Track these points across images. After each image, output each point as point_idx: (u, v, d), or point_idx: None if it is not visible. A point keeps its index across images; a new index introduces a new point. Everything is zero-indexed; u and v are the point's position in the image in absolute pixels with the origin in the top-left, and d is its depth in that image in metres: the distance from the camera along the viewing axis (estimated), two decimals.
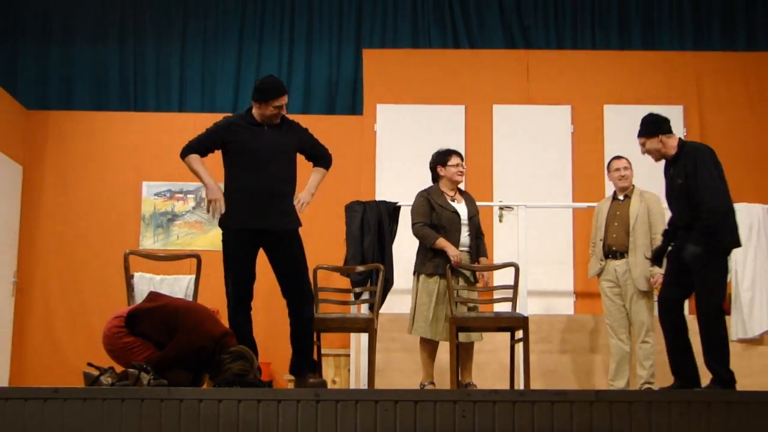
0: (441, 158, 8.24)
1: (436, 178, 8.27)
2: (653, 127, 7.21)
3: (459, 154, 8.29)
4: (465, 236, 8.07)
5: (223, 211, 6.82)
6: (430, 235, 7.95)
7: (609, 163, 8.72)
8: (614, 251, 8.45)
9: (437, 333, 7.90)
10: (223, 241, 6.95)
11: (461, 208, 8.10)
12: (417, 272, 8.08)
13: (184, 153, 7.02)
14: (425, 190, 8.23)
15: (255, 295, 6.94)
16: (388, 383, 8.90)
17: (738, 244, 7.12)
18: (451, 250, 7.86)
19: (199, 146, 7.04)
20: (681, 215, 7.06)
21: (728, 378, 6.79)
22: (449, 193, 8.15)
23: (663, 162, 7.24)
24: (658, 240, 7.90)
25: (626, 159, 8.62)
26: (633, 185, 8.59)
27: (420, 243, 8.09)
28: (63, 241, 10.95)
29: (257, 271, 6.93)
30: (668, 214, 7.38)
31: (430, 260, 7.96)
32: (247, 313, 6.96)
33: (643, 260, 8.28)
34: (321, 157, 7.22)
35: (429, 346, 8.00)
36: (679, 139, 7.24)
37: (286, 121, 7.07)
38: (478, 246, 8.16)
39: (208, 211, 6.90)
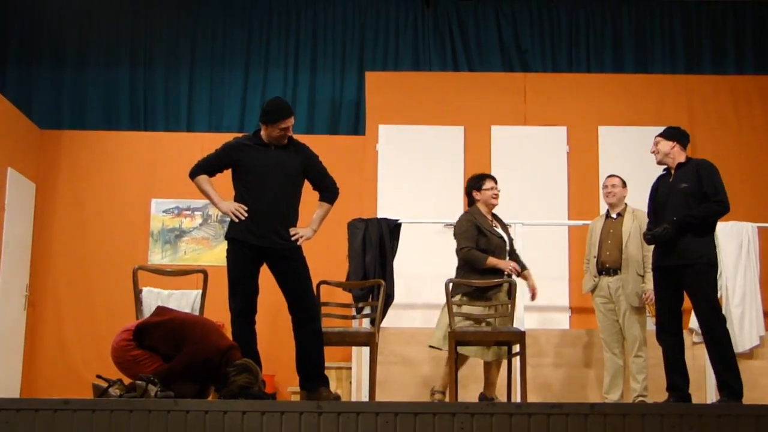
0: (476, 183, 8.32)
1: (472, 202, 8.34)
2: (676, 133, 7.51)
3: (493, 178, 8.36)
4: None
5: (244, 212, 6.91)
6: (479, 258, 8.01)
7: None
8: (608, 268, 8.55)
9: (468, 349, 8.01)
10: (227, 255, 7.03)
11: (502, 233, 8.24)
12: (456, 293, 8.08)
13: (194, 173, 7.14)
14: (469, 213, 8.29)
15: (259, 308, 7.01)
16: (388, 396, 8.98)
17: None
18: (503, 264, 7.99)
19: (208, 166, 7.16)
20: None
21: (739, 390, 6.96)
22: (488, 217, 8.25)
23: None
24: (649, 258, 8.05)
25: (619, 178, 8.74)
26: (626, 204, 8.71)
27: (463, 265, 8.17)
28: (74, 256, 11.04)
29: (261, 284, 7.01)
30: None
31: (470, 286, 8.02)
32: (251, 326, 7.01)
33: (636, 277, 8.40)
34: (327, 189, 7.26)
35: (459, 361, 8.04)
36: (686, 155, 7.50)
37: (293, 143, 7.15)
38: (520, 264, 8.30)
39: (237, 219, 6.92)
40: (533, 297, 8.38)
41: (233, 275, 6.99)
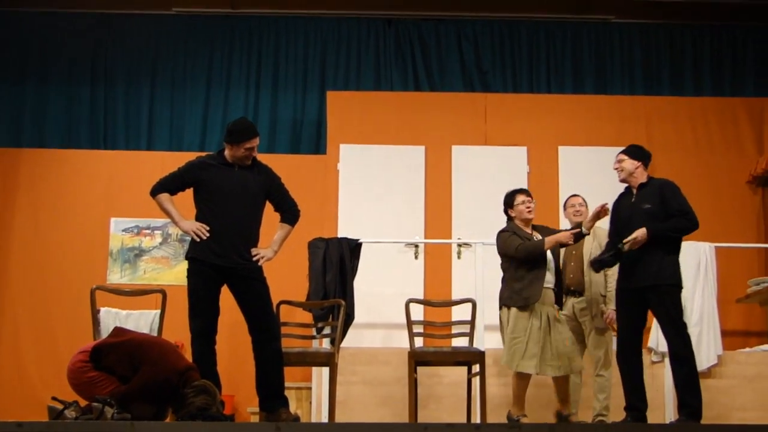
0: (508, 200, 8.34)
1: (510, 220, 8.35)
2: (640, 152, 7.63)
3: (524, 191, 8.36)
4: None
5: (206, 231, 6.92)
6: (536, 245, 7.98)
7: (566, 201, 8.83)
8: (572, 290, 8.55)
9: (533, 366, 7.87)
10: (188, 275, 7.04)
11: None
12: (506, 305, 8.09)
13: (155, 191, 7.15)
14: (506, 226, 8.31)
15: (219, 328, 7.01)
16: (349, 416, 8.96)
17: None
18: (562, 238, 7.94)
19: (170, 185, 7.18)
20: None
21: (698, 410, 7.05)
22: (527, 230, 8.22)
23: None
24: (611, 279, 8.17)
25: (581, 197, 8.79)
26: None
27: (505, 277, 8.19)
28: (32, 276, 10.93)
29: (221, 304, 7.01)
30: None
31: (517, 293, 8.00)
32: (212, 347, 7.01)
33: (599, 297, 8.41)
34: (288, 211, 7.34)
35: (523, 380, 8.01)
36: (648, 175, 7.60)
37: (257, 164, 7.20)
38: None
39: (199, 238, 6.93)
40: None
41: (194, 295, 7.00)
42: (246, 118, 7.46)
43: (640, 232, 7.22)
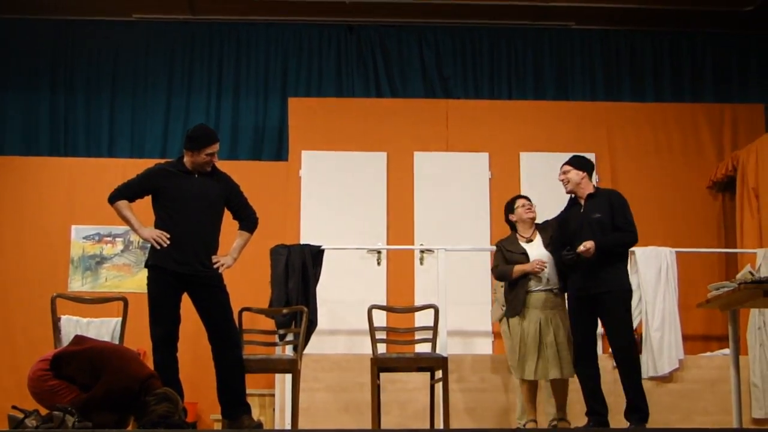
0: (509, 207, 8.40)
1: (513, 227, 8.38)
2: (584, 163, 7.75)
3: (523, 197, 8.47)
4: (546, 272, 8.11)
5: (166, 238, 6.89)
6: (506, 270, 8.11)
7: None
8: None
9: (530, 372, 7.91)
10: (148, 283, 7.01)
11: (532, 246, 8.17)
12: (504, 317, 8.24)
13: (113, 198, 7.10)
14: (500, 241, 8.42)
15: (180, 334, 7.00)
16: (312, 423, 8.98)
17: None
18: (527, 268, 7.96)
19: (129, 192, 7.13)
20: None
21: (647, 413, 7.27)
22: (524, 235, 8.25)
23: (555, 208, 7.80)
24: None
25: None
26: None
27: (504, 289, 8.24)
28: None
29: (182, 311, 6.99)
30: None
31: (509, 303, 8.13)
32: (173, 354, 6.99)
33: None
34: (247, 219, 7.33)
35: (524, 386, 8.07)
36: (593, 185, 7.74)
37: (216, 172, 7.19)
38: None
39: (159, 245, 6.90)
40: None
41: (154, 303, 6.97)
42: (205, 125, 7.45)
43: (591, 244, 7.34)
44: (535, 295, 8.02)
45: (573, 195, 7.76)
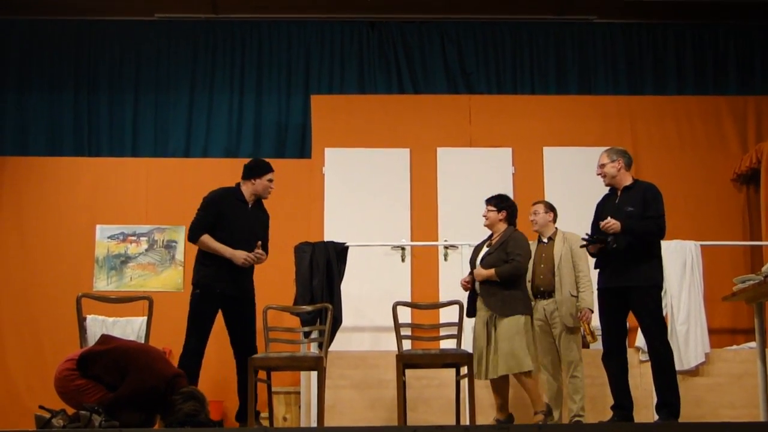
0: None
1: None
2: (622, 155, 7.70)
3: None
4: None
5: (260, 256, 7.59)
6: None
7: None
8: (542, 291, 8.57)
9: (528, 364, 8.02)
10: (194, 299, 7.56)
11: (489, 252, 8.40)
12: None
13: (195, 237, 7.65)
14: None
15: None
16: (338, 420, 9.00)
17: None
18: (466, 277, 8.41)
19: (204, 225, 7.66)
20: (618, 240, 7.41)
21: (678, 408, 7.23)
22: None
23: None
24: (582, 279, 8.43)
25: (543, 204, 8.86)
26: (556, 228, 8.74)
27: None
28: (18, 284, 10.85)
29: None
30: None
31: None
32: (199, 364, 7.51)
33: (569, 298, 8.46)
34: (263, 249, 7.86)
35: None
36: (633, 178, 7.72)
37: (261, 205, 7.85)
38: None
39: (255, 261, 7.60)
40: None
41: (197, 319, 7.54)
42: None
43: (614, 222, 7.36)
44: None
45: (611, 186, 7.76)
